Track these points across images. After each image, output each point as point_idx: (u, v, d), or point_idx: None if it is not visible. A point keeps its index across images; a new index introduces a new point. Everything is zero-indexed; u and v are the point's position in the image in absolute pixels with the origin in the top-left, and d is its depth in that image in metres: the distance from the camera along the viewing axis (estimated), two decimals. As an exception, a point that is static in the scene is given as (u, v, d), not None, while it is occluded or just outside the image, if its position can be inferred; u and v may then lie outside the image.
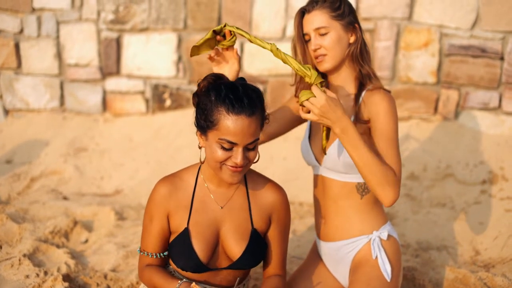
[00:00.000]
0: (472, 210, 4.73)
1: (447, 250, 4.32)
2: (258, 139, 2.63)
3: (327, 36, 3.02)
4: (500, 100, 5.39)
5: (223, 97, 2.54)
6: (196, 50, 2.99)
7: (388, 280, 3.04)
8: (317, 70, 3.11)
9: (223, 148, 2.57)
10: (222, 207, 2.80)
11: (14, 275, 3.59)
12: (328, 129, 2.86)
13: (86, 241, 4.32)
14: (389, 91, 3.07)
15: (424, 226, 4.63)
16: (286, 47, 5.65)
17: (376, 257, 3.09)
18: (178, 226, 2.78)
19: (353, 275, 3.12)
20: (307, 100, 2.73)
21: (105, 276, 3.73)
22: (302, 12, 3.09)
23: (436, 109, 5.57)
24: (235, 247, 2.77)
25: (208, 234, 2.76)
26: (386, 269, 3.06)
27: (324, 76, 3.21)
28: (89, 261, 4.01)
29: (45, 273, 3.62)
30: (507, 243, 4.26)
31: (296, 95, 3.25)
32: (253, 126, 2.57)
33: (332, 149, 3.05)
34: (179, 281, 2.72)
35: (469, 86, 5.43)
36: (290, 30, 5.69)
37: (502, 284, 3.64)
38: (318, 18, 3.02)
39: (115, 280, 3.70)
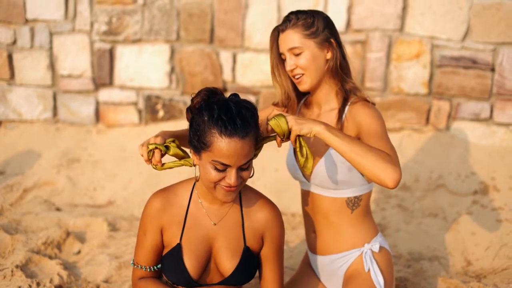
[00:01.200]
0: (463, 220, 4.74)
1: (439, 261, 4.33)
2: (252, 158, 2.62)
3: (302, 56, 3.00)
4: (491, 111, 5.41)
5: (216, 118, 2.51)
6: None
7: None
8: (296, 89, 3.15)
9: (216, 169, 2.56)
10: (215, 224, 2.80)
11: (6, 287, 3.58)
12: (300, 145, 2.77)
13: (79, 252, 4.31)
14: (373, 103, 3.03)
15: (416, 237, 4.63)
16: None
17: (369, 269, 3.10)
18: (171, 241, 2.78)
19: (346, 287, 3.13)
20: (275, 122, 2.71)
21: (98, 287, 3.73)
22: (277, 32, 3.08)
23: (427, 120, 5.59)
24: (227, 264, 2.77)
25: (200, 250, 2.76)
26: (379, 281, 3.06)
27: (306, 94, 3.23)
28: (82, 272, 4.00)
29: (38, 284, 3.61)
30: (498, 254, 4.27)
31: (274, 104, 3.29)
32: (247, 148, 2.55)
33: (320, 166, 3.04)
34: None
35: (461, 97, 5.46)
36: (283, 42, 5.71)
37: (494, 294, 3.66)
38: (291, 38, 3.00)
39: (107, 291, 3.71)
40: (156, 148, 2.84)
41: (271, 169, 5.39)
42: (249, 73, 5.77)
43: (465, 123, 5.49)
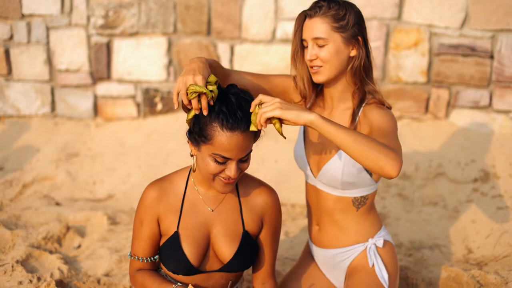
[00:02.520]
0: (464, 208, 4.74)
1: (439, 249, 4.33)
2: (252, 150, 2.62)
3: (325, 48, 2.85)
4: (490, 99, 5.41)
5: (217, 111, 2.51)
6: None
7: (386, 287, 3.04)
8: (311, 80, 3.02)
9: (216, 161, 2.56)
10: (212, 210, 2.80)
11: (7, 282, 3.58)
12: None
13: (79, 246, 4.31)
14: (389, 107, 2.96)
15: (416, 225, 4.63)
16: (275, 49, 5.68)
17: (373, 264, 3.09)
18: (168, 229, 2.77)
19: (349, 280, 3.11)
20: (259, 108, 2.55)
21: (98, 281, 3.72)
22: (304, 16, 2.92)
23: (427, 108, 5.58)
24: (226, 250, 2.77)
25: (198, 237, 2.76)
26: (383, 276, 3.04)
27: (319, 85, 3.11)
28: (82, 266, 4.00)
29: (38, 279, 3.61)
30: (499, 241, 4.27)
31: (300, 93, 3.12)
32: (247, 141, 2.56)
33: (329, 165, 2.99)
34: (173, 286, 2.72)
35: (460, 85, 5.45)
36: (280, 33, 5.70)
37: (495, 281, 3.64)
38: (317, 27, 2.84)
39: (108, 285, 3.70)
40: (203, 93, 2.53)
41: (271, 160, 5.38)
42: (247, 64, 5.75)
43: (465, 111, 5.48)
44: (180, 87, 2.56)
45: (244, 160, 2.61)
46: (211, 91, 2.53)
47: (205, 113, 2.51)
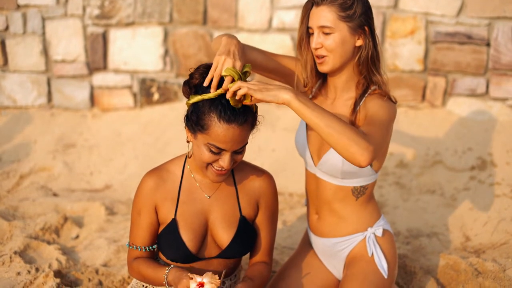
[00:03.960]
0: (461, 196, 4.74)
1: (437, 237, 4.34)
2: (247, 143, 2.63)
3: (330, 37, 2.82)
4: (487, 86, 5.40)
5: (216, 102, 2.51)
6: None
7: (385, 277, 3.04)
8: (315, 68, 3.00)
9: (211, 151, 2.57)
10: (209, 197, 2.81)
11: (5, 273, 3.59)
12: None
13: (77, 236, 4.31)
14: (394, 101, 2.95)
15: (414, 214, 4.64)
16: (272, 39, 5.67)
17: (372, 254, 3.09)
18: (166, 217, 2.79)
19: (349, 269, 3.11)
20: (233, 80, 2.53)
21: (97, 271, 3.73)
22: (311, 3, 2.89)
23: (423, 96, 5.58)
24: (223, 235, 2.79)
25: (196, 224, 2.77)
26: (382, 265, 3.05)
27: (323, 75, 3.09)
28: (80, 256, 4.01)
29: (37, 269, 3.62)
30: (497, 229, 4.28)
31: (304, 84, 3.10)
32: (244, 133, 2.57)
33: (329, 155, 2.98)
34: (166, 268, 2.72)
35: (456, 73, 5.45)
36: (276, 22, 5.69)
37: (493, 269, 3.65)
38: (324, 16, 2.81)
39: (106, 275, 3.70)
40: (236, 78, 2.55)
41: (268, 149, 5.39)
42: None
43: (461, 99, 5.48)
44: (218, 67, 2.59)
45: (239, 152, 2.63)
46: (244, 73, 2.60)
47: (228, 95, 2.51)
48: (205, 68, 2.65)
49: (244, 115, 2.53)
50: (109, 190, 5.12)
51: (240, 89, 2.51)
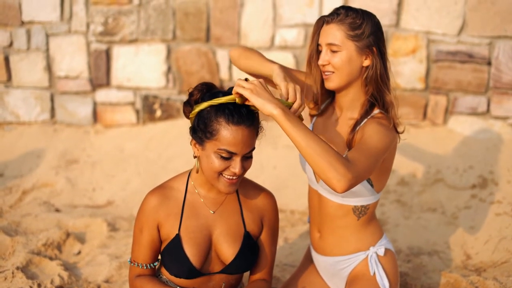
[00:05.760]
0: (462, 214, 4.74)
1: (438, 255, 4.34)
2: (255, 148, 2.65)
3: (337, 55, 2.85)
4: (488, 105, 5.42)
5: (222, 107, 2.56)
6: None
7: None
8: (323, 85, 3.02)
9: (221, 157, 2.59)
10: (213, 212, 2.82)
11: (7, 288, 3.60)
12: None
13: (79, 252, 4.32)
14: (397, 130, 2.95)
15: (415, 232, 4.64)
16: (274, 56, 5.68)
17: (374, 273, 3.09)
18: (169, 233, 2.79)
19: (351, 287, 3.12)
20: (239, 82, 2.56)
21: (99, 287, 3.73)
22: (322, 21, 2.93)
23: (425, 114, 5.60)
24: (227, 251, 2.79)
25: (200, 239, 2.78)
26: (384, 284, 3.04)
27: (333, 94, 3.10)
28: (82, 272, 4.01)
29: (39, 285, 3.62)
30: (498, 247, 4.28)
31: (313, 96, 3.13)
32: (251, 136, 2.60)
33: None
34: None
35: (457, 91, 5.47)
36: (278, 40, 5.72)
37: (494, 287, 3.65)
38: (332, 33, 2.85)
39: (108, 291, 3.71)
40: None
41: (270, 166, 5.40)
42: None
43: (463, 118, 5.49)
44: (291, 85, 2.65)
45: (248, 156, 2.65)
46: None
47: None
48: (203, 85, 2.70)
49: (250, 118, 2.58)
50: (111, 206, 5.13)
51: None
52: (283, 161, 5.39)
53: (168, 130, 5.82)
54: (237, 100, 2.57)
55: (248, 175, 2.94)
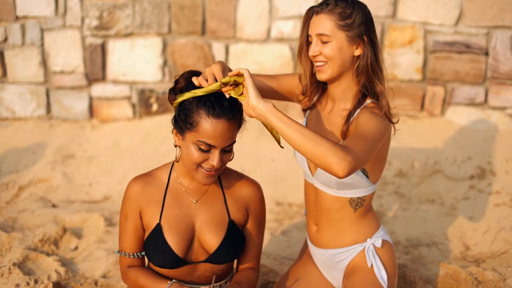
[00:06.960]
0: (461, 205, 4.74)
1: (437, 246, 4.33)
2: (235, 141, 2.65)
3: (328, 45, 2.84)
4: (486, 95, 5.41)
5: (204, 99, 2.55)
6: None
7: (385, 287, 3.04)
8: (314, 77, 3.02)
9: (200, 149, 2.58)
10: (196, 201, 2.81)
11: (4, 285, 3.58)
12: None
13: (76, 248, 4.31)
14: (390, 119, 2.91)
15: (413, 223, 4.64)
16: (270, 49, 5.67)
17: (372, 264, 3.08)
18: (150, 221, 2.79)
19: (348, 280, 3.11)
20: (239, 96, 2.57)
21: (96, 283, 3.72)
22: (312, 12, 2.91)
23: (422, 105, 5.59)
24: (211, 239, 2.78)
25: (182, 228, 2.77)
26: (382, 276, 3.04)
27: (324, 87, 3.11)
28: (80, 268, 4.00)
29: (36, 281, 3.61)
30: (496, 238, 4.28)
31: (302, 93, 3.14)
32: (232, 130, 2.59)
33: None
34: (168, 282, 2.72)
35: (455, 82, 5.45)
36: (274, 32, 5.70)
37: (493, 278, 3.65)
38: (322, 24, 2.83)
39: (105, 286, 3.70)
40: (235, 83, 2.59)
41: (267, 159, 5.38)
42: (242, 64, 5.75)
43: (460, 108, 5.48)
44: (208, 69, 2.68)
45: (227, 150, 2.64)
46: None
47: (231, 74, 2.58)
48: (190, 73, 2.70)
49: (231, 111, 2.57)
50: (108, 201, 5.12)
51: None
52: (280, 154, 5.37)
53: (165, 124, 5.81)
54: (223, 87, 2.56)
55: (246, 168, 2.94)
